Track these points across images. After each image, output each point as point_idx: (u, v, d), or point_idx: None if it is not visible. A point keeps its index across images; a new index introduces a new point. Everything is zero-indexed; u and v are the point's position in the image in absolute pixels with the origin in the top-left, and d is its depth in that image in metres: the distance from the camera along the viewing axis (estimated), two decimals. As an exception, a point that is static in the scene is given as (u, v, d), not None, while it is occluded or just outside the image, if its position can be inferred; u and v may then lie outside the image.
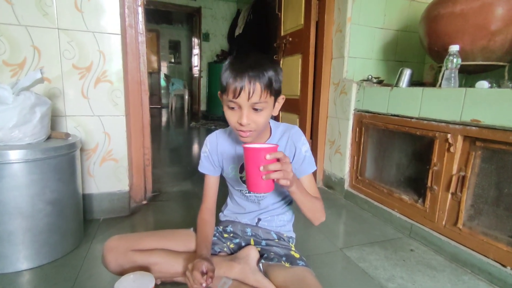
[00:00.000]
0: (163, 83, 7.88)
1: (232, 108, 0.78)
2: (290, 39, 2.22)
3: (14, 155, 0.95)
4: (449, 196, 1.20)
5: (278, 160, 0.68)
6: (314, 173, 2.06)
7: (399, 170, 1.51)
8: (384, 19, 1.82)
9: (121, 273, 0.83)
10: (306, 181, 0.91)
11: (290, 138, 0.92)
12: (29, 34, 1.19)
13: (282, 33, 2.37)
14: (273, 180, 0.69)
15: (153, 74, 7.96)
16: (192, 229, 1.00)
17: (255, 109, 0.77)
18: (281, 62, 2.41)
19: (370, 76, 1.73)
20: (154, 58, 7.97)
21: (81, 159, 1.34)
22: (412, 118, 1.35)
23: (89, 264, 1.07)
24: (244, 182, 0.95)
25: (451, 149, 1.17)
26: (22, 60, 1.20)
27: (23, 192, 0.98)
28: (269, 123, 0.93)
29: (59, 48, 1.25)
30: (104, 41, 1.31)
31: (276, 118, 2.64)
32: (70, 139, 1.16)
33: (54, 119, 1.29)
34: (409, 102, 1.36)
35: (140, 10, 1.54)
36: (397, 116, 1.43)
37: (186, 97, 6.61)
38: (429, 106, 1.27)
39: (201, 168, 1.00)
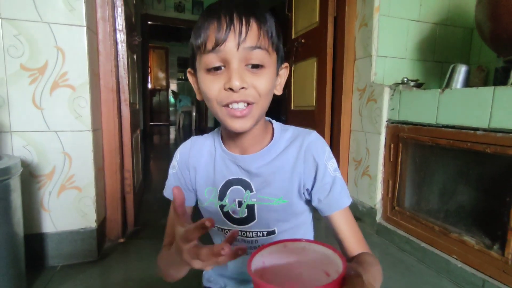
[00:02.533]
0: (172, 100, 7.73)
1: (214, 71, 0.46)
2: (303, 41, 1.90)
3: None
4: (548, 243, 0.80)
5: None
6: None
7: (456, 201, 1.12)
8: (420, 10, 1.48)
9: None
10: (341, 221, 0.52)
11: (305, 148, 0.53)
12: (-42, 24, 0.91)
13: (293, 36, 2.06)
14: None
15: (162, 91, 7.84)
16: None
17: (253, 67, 0.46)
18: (292, 69, 2.09)
19: (405, 79, 1.37)
20: (162, 75, 7.87)
21: (31, 188, 1.03)
22: (477, 129, 0.97)
23: None
24: (226, 215, 0.56)
25: (549, 174, 0.79)
26: None
27: None
28: (270, 121, 0.58)
29: (2, 44, 0.96)
30: (63, 34, 1.02)
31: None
32: (1, 162, 0.84)
33: (-5, 135, 0.98)
34: (471, 108, 0.99)
35: (119, 2, 1.26)
36: (453, 127, 1.05)
37: (194, 113, 6.39)
38: (505, 113, 0.89)
39: (166, 192, 0.61)
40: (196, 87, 0.53)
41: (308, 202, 0.56)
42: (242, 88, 0.44)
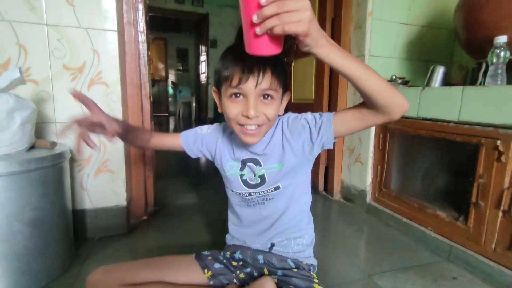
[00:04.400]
0: (170, 91, 7.82)
1: (236, 96, 0.64)
2: (303, 39, 2.06)
3: (-14, 168, 0.81)
4: (500, 214, 1.00)
5: None
6: (331, 184, 1.88)
7: (432, 182, 1.32)
8: (409, 14, 1.65)
9: None
10: (339, 114, 0.67)
11: (285, 122, 0.76)
12: (14, 31, 1.06)
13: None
14: (274, 36, 0.46)
15: (161, 82, 7.92)
16: (194, 255, 0.84)
17: (264, 98, 0.65)
18: (292, 64, 2.25)
19: (394, 77, 1.55)
20: (161, 66, 7.93)
21: (73, 171, 1.20)
22: (449, 122, 1.16)
23: (78, 292, 0.91)
24: (245, 182, 0.79)
25: (502, 158, 0.98)
26: (5, 61, 1.07)
27: (-4, 212, 0.83)
28: None
29: (48, 47, 1.12)
30: (98, 38, 1.18)
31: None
32: (56, 149, 1.02)
33: (42, 126, 1.15)
34: (446, 104, 1.17)
35: (141, 6, 1.41)
36: (430, 120, 1.25)
37: (194, 104, 6.52)
38: (471, 108, 1.08)
39: (182, 135, 0.86)
40: (218, 103, 0.72)
41: (303, 160, 0.75)
42: (256, 116, 0.64)
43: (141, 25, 1.43)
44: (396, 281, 1.02)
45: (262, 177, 0.77)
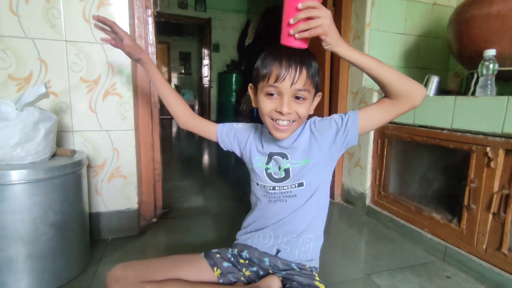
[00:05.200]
0: (173, 94, 7.89)
1: (271, 95, 0.72)
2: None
3: (15, 175, 0.88)
4: (490, 216, 1.07)
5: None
6: (332, 187, 1.95)
7: (428, 186, 1.39)
8: (405, 24, 1.72)
9: None
10: (366, 108, 0.76)
11: (313, 122, 0.83)
12: (35, 47, 1.14)
13: (296, 42, 2.29)
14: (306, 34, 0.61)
15: (164, 85, 8.00)
16: (202, 254, 0.90)
17: (297, 98, 0.71)
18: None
19: (391, 85, 1.62)
20: (164, 70, 8.04)
21: (88, 176, 1.28)
22: (443, 129, 1.23)
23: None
24: (269, 176, 0.85)
25: (491, 164, 1.05)
26: (28, 74, 1.15)
27: (24, 216, 0.91)
28: None
29: (67, 61, 1.20)
30: (113, 52, 1.25)
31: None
32: (76, 156, 1.09)
33: (61, 134, 1.23)
34: (439, 112, 1.24)
35: (150, 20, 1.49)
36: (425, 127, 1.32)
37: (196, 107, 6.60)
38: (463, 116, 1.15)
39: (220, 126, 0.93)
40: (253, 98, 0.80)
41: (328, 158, 0.82)
42: (288, 113, 0.71)
43: (151, 38, 1.51)
44: (393, 280, 1.09)
45: (286, 171, 0.82)
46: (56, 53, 1.18)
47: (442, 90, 1.64)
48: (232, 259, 0.89)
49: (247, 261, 0.90)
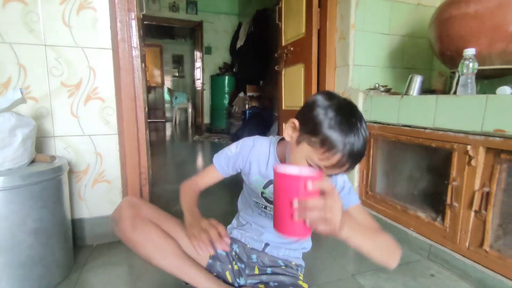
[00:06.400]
0: (167, 97, 7.90)
1: (309, 165, 0.65)
2: (292, 48, 2.15)
3: (-10, 182, 0.87)
4: (472, 214, 1.08)
5: (321, 194, 0.49)
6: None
7: (413, 185, 1.40)
8: (390, 25, 1.73)
9: (128, 238, 0.76)
10: (356, 211, 0.75)
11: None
12: (14, 52, 1.13)
13: (284, 43, 2.30)
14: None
15: (157, 88, 8.00)
16: None
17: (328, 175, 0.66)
18: (283, 72, 2.33)
19: (377, 85, 1.63)
20: (157, 73, 8.02)
21: (71, 182, 1.26)
22: (426, 128, 1.24)
23: (76, 298, 0.97)
24: (265, 198, 0.85)
25: (472, 162, 1.06)
26: (6, 80, 1.14)
27: (1, 224, 0.89)
28: None
29: (47, 66, 1.18)
30: (94, 56, 1.25)
31: (280, 130, 2.55)
32: (56, 162, 1.08)
33: (42, 140, 1.21)
34: (422, 111, 1.25)
35: (134, 23, 1.48)
36: (409, 126, 1.32)
37: (190, 110, 6.58)
38: (444, 115, 1.16)
39: (215, 161, 0.91)
40: (294, 136, 0.69)
41: None
42: None
43: (135, 41, 1.50)
44: (377, 280, 1.09)
45: None
46: (35, 57, 1.16)
47: (426, 90, 1.65)
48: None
49: (237, 256, 0.90)
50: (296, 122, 0.69)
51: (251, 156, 0.86)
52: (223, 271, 0.85)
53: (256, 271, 0.88)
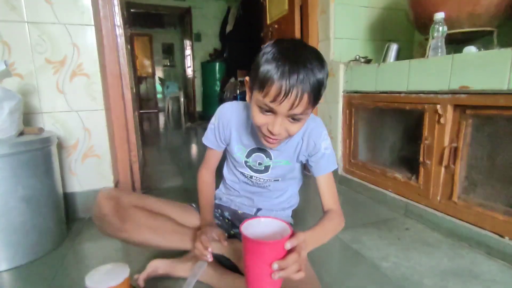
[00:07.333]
0: (158, 87, 7.86)
1: (264, 111, 0.63)
2: (276, 26, 2.17)
3: (-19, 151, 0.91)
4: (443, 169, 1.14)
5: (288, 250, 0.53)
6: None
7: (391, 149, 1.46)
8: (369, -3, 1.77)
9: (119, 231, 0.72)
10: (322, 182, 0.80)
11: (308, 132, 0.80)
12: (-4, 29, 1.15)
13: (268, 22, 2.33)
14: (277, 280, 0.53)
15: (148, 78, 7.94)
16: (193, 205, 0.95)
17: (293, 119, 0.64)
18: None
19: (357, 56, 1.67)
20: (148, 63, 7.94)
21: (61, 156, 1.31)
22: (400, 92, 1.29)
23: (69, 263, 1.03)
24: (249, 167, 0.87)
25: (441, 120, 1.12)
26: (-9, 57, 1.16)
27: (-8, 190, 0.94)
28: None
29: (30, 42, 1.21)
30: (77, 33, 1.27)
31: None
32: (44, 134, 1.12)
33: (30, 116, 1.24)
34: (397, 77, 1.30)
35: (116, 1, 1.50)
36: (386, 92, 1.38)
37: (182, 99, 6.57)
38: (417, 78, 1.21)
39: (205, 140, 0.89)
40: (248, 93, 0.70)
41: (302, 165, 0.90)
42: (279, 133, 0.65)
43: (118, 19, 1.52)
44: (355, 234, 1.16)
45: (266, 168, 0.86)
46: (18, 35, 1.19)
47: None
48: (221, 218, 0.95)
49: (230, 222, 0.96)
50: (247, 78, 0.69)
51: (231, 123, 0.85)
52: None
53: None
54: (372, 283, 0.88)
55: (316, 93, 0.61)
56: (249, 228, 0.55)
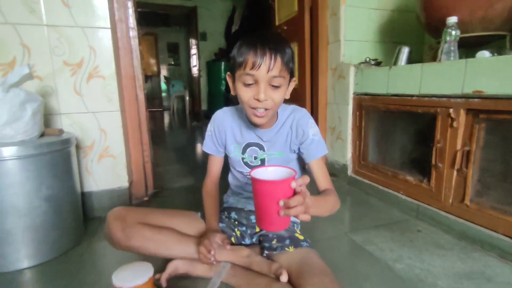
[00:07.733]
0: (163, 86, 7.89)
1: (248, 85, 0.74)
2: (285, 27, 2.19)
3: (7, 151, 0.94)
4: (455, 172, 1.16)
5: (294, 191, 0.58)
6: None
7: (403, 151, 1.47)
8: (379, 0, 1.77)
9: (127, 247, 0.82)
10: (314, 166, 0.87)
11: (296, 123, 0.88)
12: (17, 32, 1.18)
13: (277, 23, 2.34)
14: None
15: (153, 77, 7.97)
16: (199, 213, 0.98)
17: (273, 86, 0.74)
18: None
19: (367, 59, 1.69)
20: (153, 61, 7.98)
21: (78, 157, 1.33)
22: (412, 96, 1.31)
23: (88, 260, 1.06)
24: (245, 164, 0.93)
25: (454, 124, 1.13)
26: (11, 59, 1.19)
27: (18, 190, 0.97)
28: None
29: (49, 45, 1.24)
30: (94, 36, 1.30)
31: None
32: (64, 135, 1.15)
33: (49, 117, 1.27)
34: (409, 80, 1.32)
35: (130, 4, 1.52)
36: (397, 95, 1.39)
37: (187, 98, 6.60)
38: (429, 82, 1.23)
39: (204, 147, 0.98)
40: (232, 86, 0.81)
41: (300, 160, 0.95)
42: (265, 100, 0.74)
43: (131, 21, 1.54)
44: (368, 236, 1.18)
45: (262, 161, 0.92)
46: (37, 37, 1.21)
47: (411, 63, 1.71)
48: (226, 220, 0.98)
49: (236, 222, 0.99)
50: (229, 73, 0.81)
51: (225, 126, 0.93)
52: (229, 238, 0.93)
53: (257, 229, 0.97)
54: (387, 285, 0.89)
55: (287, 58, 0.73)
56: (257, 175, 0.60)
